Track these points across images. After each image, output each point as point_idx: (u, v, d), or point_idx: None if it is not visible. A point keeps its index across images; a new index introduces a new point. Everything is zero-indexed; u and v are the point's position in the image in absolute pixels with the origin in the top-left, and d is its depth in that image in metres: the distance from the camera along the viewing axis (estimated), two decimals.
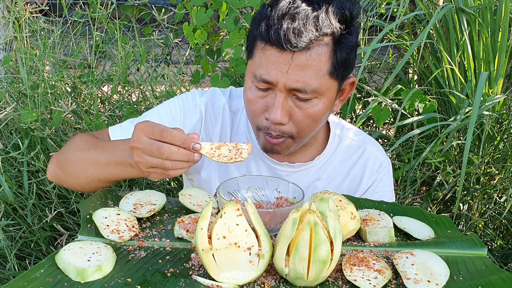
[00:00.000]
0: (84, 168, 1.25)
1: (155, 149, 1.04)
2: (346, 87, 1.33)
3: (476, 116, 1.78)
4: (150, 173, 1.10)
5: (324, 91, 1.24)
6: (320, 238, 0.88)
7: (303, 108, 1.24)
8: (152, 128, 1.06)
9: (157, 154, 1.05)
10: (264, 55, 1.22)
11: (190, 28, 2.35)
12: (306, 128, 1.28)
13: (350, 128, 1.50)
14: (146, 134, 1.06)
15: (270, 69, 1.21)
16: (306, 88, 1.21)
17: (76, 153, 1.28)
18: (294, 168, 1.42)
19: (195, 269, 0.96)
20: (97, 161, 1.23)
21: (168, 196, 1.64)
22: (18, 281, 0.88)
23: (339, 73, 1.24)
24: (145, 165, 1.07)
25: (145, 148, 1.06)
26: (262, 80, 1.23)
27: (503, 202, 2.13)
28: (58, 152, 1.34)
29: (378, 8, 2.52)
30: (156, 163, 1.06)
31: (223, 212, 0.92)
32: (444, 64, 2.18)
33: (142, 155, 1.07)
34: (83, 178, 1.26)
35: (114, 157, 1.20)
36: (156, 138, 1.05)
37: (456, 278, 0.96)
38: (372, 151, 1.46)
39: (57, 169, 1.31)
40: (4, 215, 1.94)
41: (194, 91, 1.47)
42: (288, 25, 1.17)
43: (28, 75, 2.14)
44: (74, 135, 1.40)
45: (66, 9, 2.59)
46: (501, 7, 2.06)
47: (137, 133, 1.07)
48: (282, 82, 1.21)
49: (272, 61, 1.21)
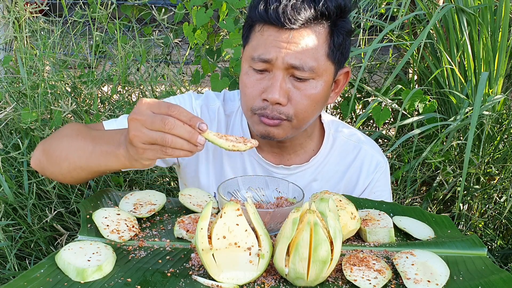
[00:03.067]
0: (67, 155, 1.19)
1: (158, 120, 0.96)
2: (340, 78, 1.34)
3: (477, 116, 1.78)
4: (145, 150, 1.00)
5: (321, 72, 1.25)
6: (320, 238, 0.88)
7: (301, 89, 1.24)
8: (158, 103, 0.99)
9: (159, 126, 0.96)
10: (262, 36, 1.24)
11: (190, 28, 2.35)
12: (304, 111, 1.27)
13: (346, 127, 1.49)
14: (151, 108, 0.98)
15: (268, 48, 1.22)
16: (304, 66, 1.22)
17: (63, 140, 1.22)
18: (290, 170, 1.41)
19: (195, 269, 0.96)
20: (82, 149, 1.16)
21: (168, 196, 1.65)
22: (18, 281, 0.88)
23: (335, 56, 1.26)
24: (142, 139, 0.98)
25: (146, 120, 0.97)
26: (260, 59, 1.23)
27: (503, 202, 2.13)
28: (44, 141, 1.28)
29: (378, 8, 2.52)
30: (156, 137, 0.96)
31: (223, 212, 0.92)
32: (444, 64, 2.18)
33: (141, 128, 0.97)
34: (65, 166, 1.19)
35: (101, 146, 1.13)
36: (161, 112, 0.97)
37: (456, 278, 0.96)
38: (368, 151, 1.45)
39: (42, 156, 1.25)
40: (4, 215, 1.94)
41: (190, 94, 1.47)
42: (286, 2, 1.19)
43: (28, 75, 2.14)
44: (65, 124, 1.35)
45: (66, 9, 2.59)
46: (501, 7, 2.06)
47: (140, 106, 0.99)
48: (281, 59, 1.21)
49: (271, 40, 1.22)
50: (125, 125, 1.21)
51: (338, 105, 2.55)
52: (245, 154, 1.42)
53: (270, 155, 1.42)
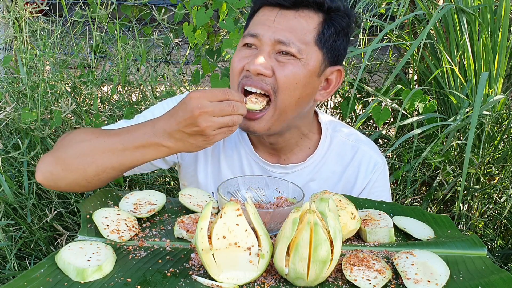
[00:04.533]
0: (93, 159, 1.19)
1: (227, 107, 1.11)
2: (332, 77, 1.34)
3: (477, 116, 1.78)
4: (216, 135, 1.14)
5: (307, 54, 1.26)
6: (320, 238, 0.88)
7: (284, 64, 1.25)
8: (212, 92, 1.12)
9: (229, 111, 1.11)
10: (257, 16, 1.31)
11: (190, 28, 2.35)
12: (287, 88, 1.25)
13: (344, 127, 1.48)
14: (208, 99, 1.10)
15: (258, 25, 1.28)
16: (290, 42, 1.24)
17: (82, 145, 1.22)
18: (286, 169, 1.41)
19: (195, 269, 0.96)
20: (111, 148, 1.19)
21: (168, 196, 1.64)
22: (18, 281, 0.88)
23: (323, 46, 1.28)
24: (214, 127, 1.11)
25: (214, 110, 1.10)
26: (249, 34, 1.28)
27: (503, 202, 2.13)
28: (52, 152, 1.26)
29: (378, 8, 2.52)
30: (227, 121, 1.12)
31: (223, 212, 0.92)
32: (444, 64, 2.18)
33: (211, 118, 1.10)
34: (91, 170, 1.20)
35: (134, 142, 1.17)
36: (219, 99, 1.11)
37: (456, 278, 0.96)
38: (366, 151, 1.44)
39: (54, 167, 1.22)
40: (4, 215, 1.94)
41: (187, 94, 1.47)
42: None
43: (28, 75, 2.14)
44: (65, 133, 1.33)
45: (66, 9, 2.59)
46: (501, 7, 2.06)
47: (197, 101, 1.10)
48: (268, 35, 1.25)
49: (262, 19, 1.28)
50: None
51: (338, 105, 2.55)
52: (242, 153, 1.42)
53: (267, 154, 1.42)
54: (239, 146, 1.43)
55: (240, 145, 1.43)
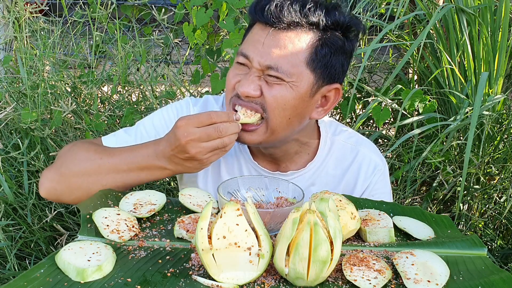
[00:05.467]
0: (98, 178, 1.23)
1: (213, 131, 1.12)
2: (330, 95, 1.31)
3: (477, 116, 1.78)
4: (209, 158, 1.16)
5: (296, 77, 1.23)
6: (320, 238, 0.88)
7: (273, 88, 1.24)
8: (197, 118, 1.13)
9: (216, 135, 1.13)
10: (251, 34, 1.29)
11: (190, 28, 2.35)
12: (274, 111, 1.24)
13: (343, 130, 1.47)
14: (194, 125, 1.12)
15: (250, 45, 1.26)
16: (278, 67, 1.22)
17: (87, 164, 1.24)
18: (286, 176, 1.40)
19: (195, 269, 0.96)
20: (115, 169, 1.23)
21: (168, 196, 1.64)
22: (18, 281, 0.88)
23: (316, 66, 1.25)
24: (204, 152, 1.14)
25: (201, 136, 1.12)
26: (241, 53, 1.27)
27: (503, 202, 2.13)
28: (55, 167, 1.27)
29: (378, 8, 2.52)
30: (217, 144, 1.14)
31: (223, 212, 0.92)
32: (444, 64, 2.18)
33: (200, 144, 1.13)
34: (96, 189, 1.22)
35: (137, 163, 1.22)
36: (205, 124, 1.12)
37: (456, 278, 0.96)
38: (365, 154, 1.43)
39: (57, 184, 1.25)
40: (4, 215, 1.94)
41: (188, 100, 1.47)
42: (277, 1, 1.23)
43: (28, 75, 2.14)
44: (66, 146, 1.35)
45: (66, 9, 2.59)
46: (501, 7, 2.06)
47: (183, 129, 1.12)
48: (257, 60, 1.24)
49: (255, 39, 1.26)
50: (125, 140, 1.36)
51: (338, 105, 2.55)
52: (242, 161, 1.43)
53: (266, 162, 1.42)
54: (239, 155, 1.43)
55: (240, 154, 1.43)
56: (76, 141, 1.45)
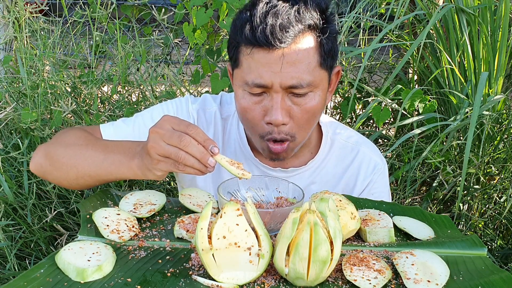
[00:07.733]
0: (75, 163, 1.22)
1: (176, 136, 1.03)
2: (332, 77, 1.34)
3: (477, 116, 1.78)
4: (160, 161, 1.06)
5: (318, 83, 1.24)
6: (320, 238, 0.88)
7: (301, 104, 1.24)
8: (179, 121, 1.07)
9: (176, 141, 1.03)
10: (252, 60, 1.20)
11: (190, 28, 2.35)
12: (306, 124, 1.28)
13: (343, 129, 1.49)
14: (171, 124, 1.06)
15: (262, 72, 1.20)
16: (302, 83, 1.21)
17: (70, 148, 1.25)
18: (287, 173, 1.41)
19: (195, 269, 0.96)
20: (92, 158, 1.21)
21: (168, 196, 1.65)
22: (18, 281, 0.88)
23: (327, 63, 1.26)
24: (158, 151, 1.05)
25: (165, 134, 1.04)
26: (255, 85, 1.21)
27: (503, 202, 2.13)
28: (47, 144, 1.31)
29: (378, 8, 2.52)
30: (171, 151, 1.03)
31: (223, 212, 0.92)
32: (444, 64, 2.18)
33: (160, 141, 1.05)
34: (72, 173, 1.23)
35: (114, 156, 1.18)
36: (180, 129, 1.05)
37: (456, 278, 0.96)
38: (365, 153, 1.44)
39: (44, 161, 1.27)
40: (4, 215, 1.94)
41: (187, 97, 1.47)
42: (273, 22, 1.17)
43: (28, 75, 2.14)
44: (66, 128, 1.37)
45: (66, 9, 2.59)
46: (501, 7, 2.06)
47: (162, 122, 1.07)
48: (277, 83, 1.20)
49: (263, 63, 1.19)
50: (123, 130, 1.33)
51: (338, 105, 2.55)
52: (243, 158, 1.43)
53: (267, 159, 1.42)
54: (239, 152, 1.44)
55: (240, 151, 1.44)
56: (75, 126, 1.46)
